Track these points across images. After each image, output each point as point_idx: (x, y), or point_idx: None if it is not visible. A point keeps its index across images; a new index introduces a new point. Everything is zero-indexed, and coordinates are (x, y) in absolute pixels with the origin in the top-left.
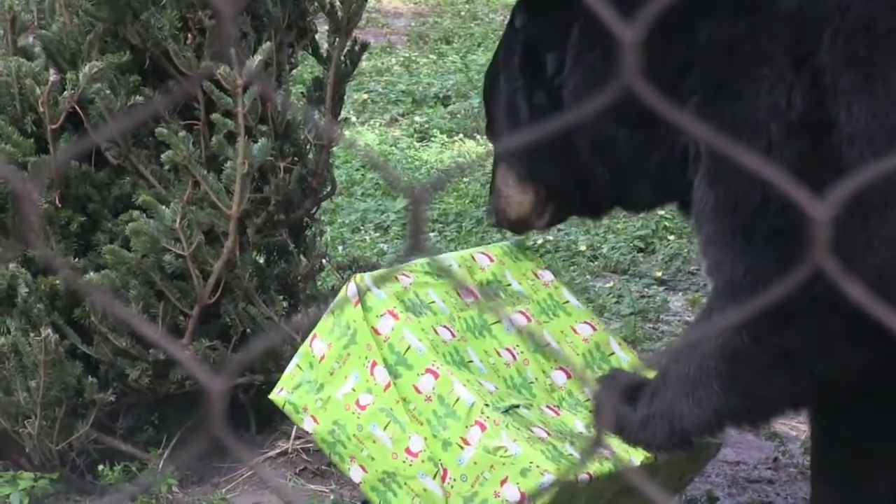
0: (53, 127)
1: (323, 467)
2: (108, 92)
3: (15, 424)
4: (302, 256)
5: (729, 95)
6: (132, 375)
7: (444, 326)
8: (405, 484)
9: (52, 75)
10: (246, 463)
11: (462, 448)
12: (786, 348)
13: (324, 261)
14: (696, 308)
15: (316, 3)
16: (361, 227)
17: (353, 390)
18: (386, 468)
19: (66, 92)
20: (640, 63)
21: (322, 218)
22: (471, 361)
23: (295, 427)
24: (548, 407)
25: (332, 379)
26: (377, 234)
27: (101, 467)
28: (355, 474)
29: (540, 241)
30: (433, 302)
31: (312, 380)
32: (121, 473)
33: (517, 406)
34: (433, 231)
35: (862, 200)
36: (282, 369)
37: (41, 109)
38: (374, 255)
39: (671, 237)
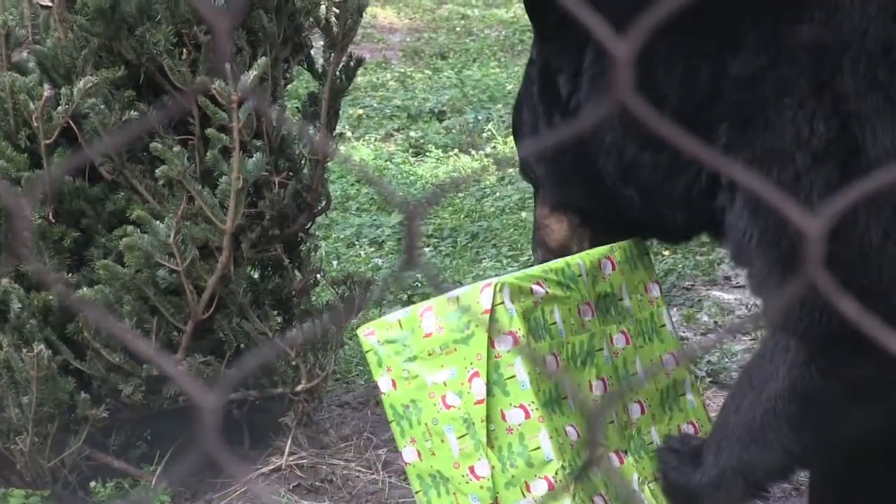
0: (47, 142)
1: (317, 483)
2: (102, 107)
3: (6, 441)
4: (296, 271)
5: (756, 126)
6: (125, 391)
7: (553, 354)
8: (454, 493)
9: (47, 90)
10: (239, 479)
11: (523, 495)
12: (860, 380)
13: (318, 276)
14: (690, 324)
15: (311, 19)
16: (356, 242)
17: (445, 384)
18: (442, 469)
19: (60, 107)
20: (634, 78)
21: (317, 233)
22: (565, 398)
23: (289, 442)
24: (615, 453)
25: (429, 360)
26: (372, 250)
27: (93, 484)
28: (408, 454)
29: None
30: (554, 323)
31: (409, 345)
32: (113, 490)
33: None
34: (428, 246)
35: None
36: (276, 385)
37: (35, 124)
38: (368, 271)
39: (666, 252)
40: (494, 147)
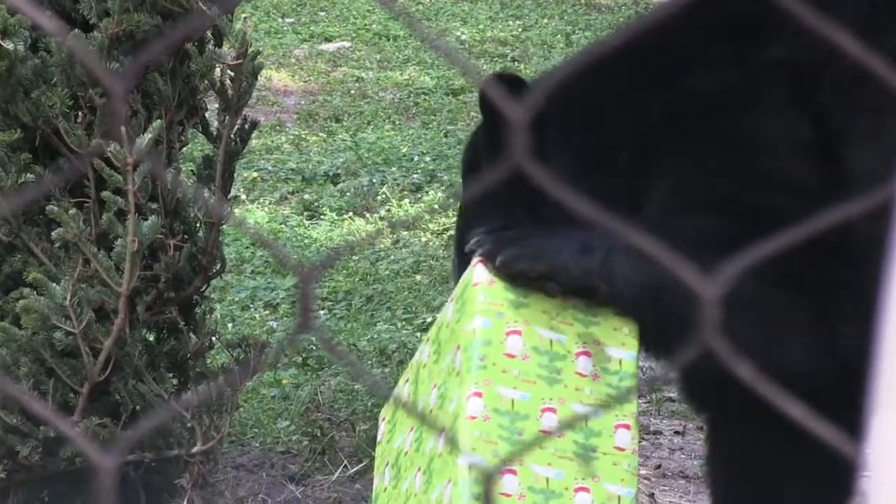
0: None
1: None
2: None
3: None
4: (192, 334)
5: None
6: (22, 452)
7: None
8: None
9: None
10: None
11: None
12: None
13: (213, 338)
14: None
15: (206, 82)
16: (251, 305)
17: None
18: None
19: None
20: (529, 144)
21: (212, 296)
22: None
23: None
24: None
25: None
26: (267, 312)
27: None
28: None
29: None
30: None
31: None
32: None
33: None
34: (322, 309)
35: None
36: (171, 446)
37: None
38: (263, 333)
39: None
40: (389, 210)
